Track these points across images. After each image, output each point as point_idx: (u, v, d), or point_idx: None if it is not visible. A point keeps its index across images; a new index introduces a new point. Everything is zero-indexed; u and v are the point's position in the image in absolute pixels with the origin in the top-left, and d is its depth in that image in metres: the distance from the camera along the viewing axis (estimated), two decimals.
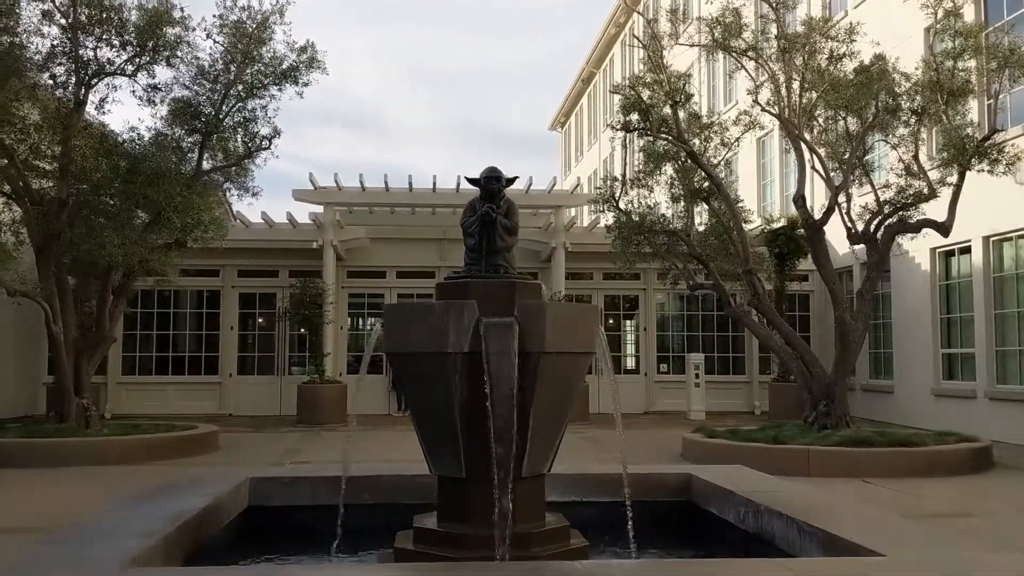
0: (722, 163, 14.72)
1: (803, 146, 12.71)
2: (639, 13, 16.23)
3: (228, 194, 16.41)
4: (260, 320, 20.94)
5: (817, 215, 12.93)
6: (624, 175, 14.41)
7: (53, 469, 11.10)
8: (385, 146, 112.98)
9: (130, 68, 12.60)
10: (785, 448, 11.47)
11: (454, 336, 5.55)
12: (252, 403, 19.80)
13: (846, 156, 13.21)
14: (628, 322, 22.02)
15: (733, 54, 12.75)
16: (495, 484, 5.41)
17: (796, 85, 12.41)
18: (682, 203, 14.58)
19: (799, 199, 12.59)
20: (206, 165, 13.71)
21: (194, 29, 12.90)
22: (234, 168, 14.40)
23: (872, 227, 13.05)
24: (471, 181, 6.29)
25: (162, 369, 20.41)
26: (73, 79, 12.43)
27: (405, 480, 7.45)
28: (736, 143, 14.32)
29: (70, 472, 10.94)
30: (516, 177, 6.38)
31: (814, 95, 12.77)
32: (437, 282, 6.26)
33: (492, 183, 6.18)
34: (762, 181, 25.10)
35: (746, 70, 13.25)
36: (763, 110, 12.82)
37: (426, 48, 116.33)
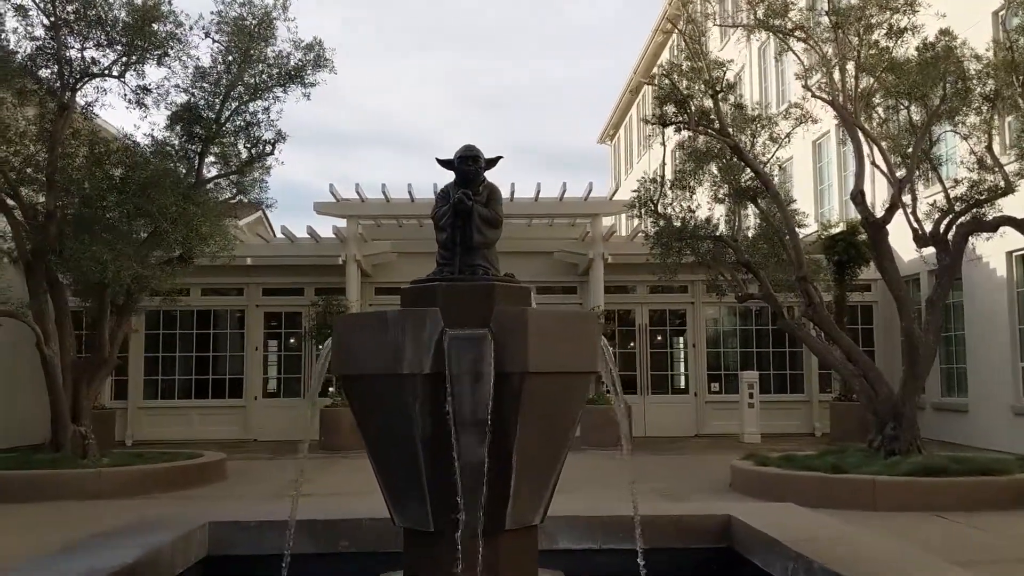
0: (773, 162, 13.39)
1: (860, 135, 11.33)
2: (688, 14, 14.95)
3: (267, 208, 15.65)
4: (291, 340, 20.03)
5: (879, 214, 11.54)
6: (663, 176, 13.15)
7: (27, 505, 10.18)
8: (437, 169, 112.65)
9: (117, 69, 11.70)
10: (847, 478, 10.08)
11: (411, 353, 4.38)
12: (278, 427, 18.79)
13: (910, 149, 11.84)
14: (677, 339, 20.63)
15: (779, 35, 11.45)
16: (458, 542, 4.25)
17: (851, 66, 11.04)
18: (727, 205, 13.27)
19: (857, 195, 11.19)
20: (207, 173, 12.77)
21: (191, 28, 12.00)
22: (246, 179, 13.47)
23: (942, 227, 11.63)
24: (443, 164, 5.13)
25: (185, 393, 19.56)
26: (58, 82, 11.55)
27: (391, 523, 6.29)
28: (787, 139, 13.00)
29: (37, 509, 9.99)
30: (500, 157, 5.20)
31: (871, 80, 11.41)
32: (403, 287, 5.11)
33: (468, 164, 5.01)
34: (819, 186, 23.61)
35: (794, 53, 11.91)
36: (813, 95, 11.48)
37: (476, 72, 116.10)
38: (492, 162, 5.15)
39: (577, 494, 10.33)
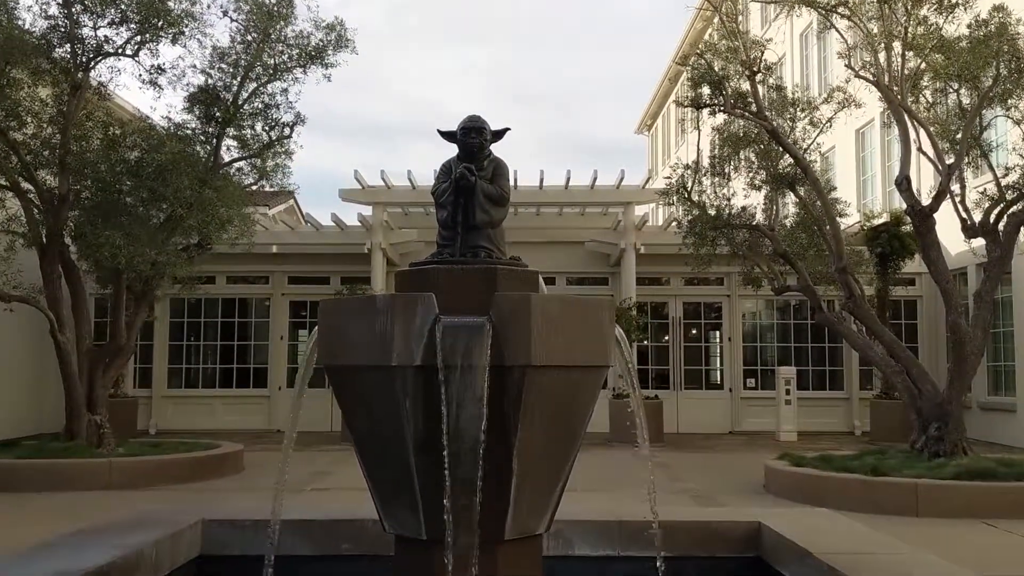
0: (813, 148, 12.77)
1: (907, 119, 10.70)
2: None
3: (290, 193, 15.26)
4: None
5: (925, 203, 10.92)
6: (697, 162, 12.61)
7: (36, 495, 9.93)
8: None
9: (131, 48, 11.34)
10: (887, 482, 9.51)
11: (401, 343, 3.94)
12: (303, 418, 18.37)
13: (959, 135, 11.20)
14: (712, 332, 20.02)
15: (821, 11, 10.84)
16: (448, 553, 3.81)
17: (898, 45, 10.41)
18: (765, 192, 12.69)
19: (903, 181, 10.57)
20: (225, 157, 12.42)
21: (208, 6, 11.65)
22: (268, 164, 13.10)
23: (992, 217, 11.00)
24: (445, 136, 4.69)
25: (209, 382, 19.32)
26: (71, 62, 11.23)
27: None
28: (828, 124, 12.40)
29: (43, 499, 9.72)
30: (507, 129, 4.75)
31: (919, 61, 10.78)
32: (397, 270, 4.69)
33: (471, 136, 4.56)
34: (862, 176, 22.86)
35: (837, 31, 11.30)
36: (857, 75, 10.86)
37: (518, 66, 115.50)
38: (499, 134, 4.71)
39: (600, 494, 9.88)
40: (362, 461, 4.39)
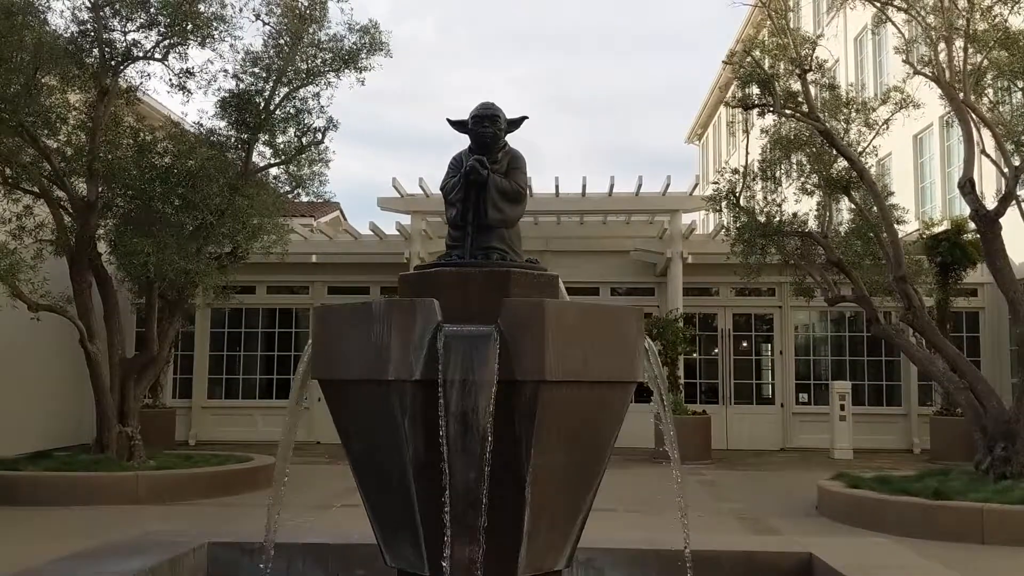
0: (869, 152, 12.12)
1: (970, 117, 10.04)
2: None
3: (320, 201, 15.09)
4: None
5: (990, 207, 10.24)
6: (746, 166, 12.05)
7: (59, 508, 9.65)
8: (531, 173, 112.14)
9: (160, 52, 11.08)
10: (950, 506, 8.84)
11: (398, 354, 3.52)
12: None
13: None
14: (763, 345, 19.31)
15: (876, 3, 10.24)
16: None
17: (959, 40, 9.77)
18: (817, 197, 12.07)
19: (966, 183, 9.89)
20: (260, 163, 12.13)
21: (240, 10, 11.39)
22: (303, 172, 12.80)
23: None
24: (455, 125, 4.26)
25: (249, 393, 19.09)
26: (99, 66, 11.00)
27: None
28: (885, 125, 11.77)
29: (65, 514, 9.43)
30: (525, 117, 4.30)
31: (981, 57, 10.13)
32: (401, 274, 4.24)
33: (483, 125, 4.12)
34: (920, 184, 21.98)
35: (894, 24, 10.68)
36: (916, 72, 10.22)
37: (568, 76, 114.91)
38: (515, 123, 4.26)
39: (639, 516, 9.37)
40: (360, 487, 3.98)
